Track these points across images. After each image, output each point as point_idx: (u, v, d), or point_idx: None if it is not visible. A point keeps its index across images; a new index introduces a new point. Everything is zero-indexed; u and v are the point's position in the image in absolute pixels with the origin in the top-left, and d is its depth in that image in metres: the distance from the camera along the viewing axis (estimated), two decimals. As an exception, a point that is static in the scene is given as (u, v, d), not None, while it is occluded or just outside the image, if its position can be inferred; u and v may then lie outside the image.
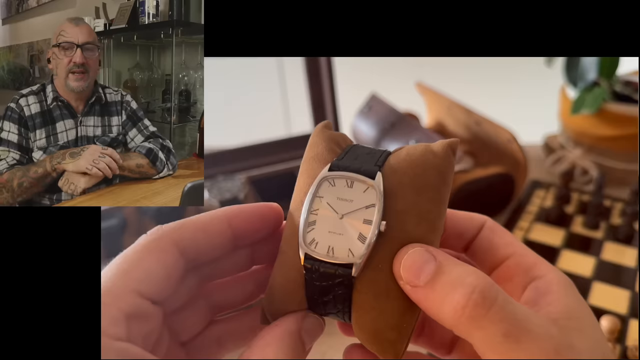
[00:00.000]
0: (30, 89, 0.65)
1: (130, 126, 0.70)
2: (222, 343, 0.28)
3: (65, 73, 0.63)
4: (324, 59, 0.81)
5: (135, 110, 0.71)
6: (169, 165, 0.68)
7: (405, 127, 0.79)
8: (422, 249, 0.23)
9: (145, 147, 0.67)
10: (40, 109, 0.64)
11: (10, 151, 0.62)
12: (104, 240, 0.59)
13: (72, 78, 0.64)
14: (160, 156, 0.67)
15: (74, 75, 0.63)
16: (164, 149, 0.68)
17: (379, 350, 0.24)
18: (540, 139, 0.92)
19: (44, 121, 0.64)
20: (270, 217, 0.27)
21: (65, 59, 0.63)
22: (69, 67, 0.63)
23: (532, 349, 0.20)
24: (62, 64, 0.63)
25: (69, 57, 0.63)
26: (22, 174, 0.58)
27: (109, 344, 0.20)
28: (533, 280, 0.25)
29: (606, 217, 0.71)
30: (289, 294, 0.25)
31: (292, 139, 0.82)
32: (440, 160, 0.26)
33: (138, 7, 0.84)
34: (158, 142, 0.69)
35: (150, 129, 0.70)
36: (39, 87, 0.65)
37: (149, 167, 0.66)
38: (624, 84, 0.81)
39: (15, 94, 0.64)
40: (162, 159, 0.67)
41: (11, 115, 0.63)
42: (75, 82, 0.64)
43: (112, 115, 0.69)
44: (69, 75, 0.63)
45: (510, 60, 1.42)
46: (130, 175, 0.64)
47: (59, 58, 0.64)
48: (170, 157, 0.69)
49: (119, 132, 0.69)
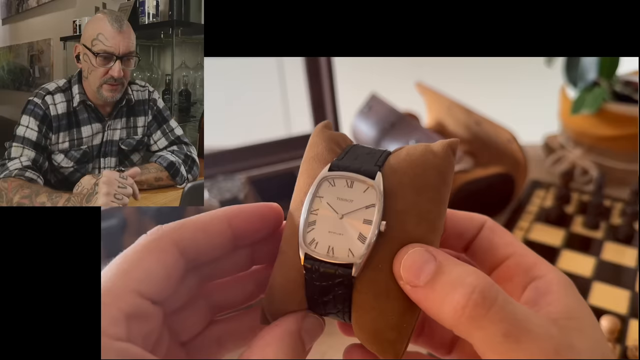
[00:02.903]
0: (57, 86, 0.58)
1: (155, 128, 0.65)
2: (222, 343, 0.28)
3: (99, 83, 0.57)
4: (324, 59, 0.81)
5: (162, 109, 0.66)
6: (190, 177, 0.64)
7: (405, 127, 0.79)
8: (422, 249, 0.23)
9: (166, 160, 0.62)
10: (67, 110, 0.58)
11: (24, 148, 0.56)
12: (104, 240, 0.59)
13: (107, 89, 0.58)
14: (182, 171, 0.63)
15: (108, 86, 0.58)
16: (187, 161, 0.64)
17: (379, 350, 0.24)
18: (540, 139, 0.92)
19: (69, 123, 0.59)
20: (270, 217, 0.27)
21: (100, 69, 0.57)
22: (104, 79, 0.57)
23: (532, 349, 0.20)
24: (97, 73, 0.57)
25: (106, 69, 0.57)
26: (28, 194, 0.52)
27: (109, 344, 0.20)
28: (533, 280, 0.25)
29: (606, 217, 0.71)
30: (289, 294, 0.25)
31: (292, 139, 0.82)
32: (440, 160, 0.26)
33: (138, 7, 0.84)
34: (182, 152, 0.65)
35: (175, 133, 0.66)
36: (65, 83, 0.59)
37: (168, 180, 0.62)
38: (624, 84, 0.81)
39: (39, 88, 0.58)
40: (183, 174, 0.63)
41: (35, 110, 0.57)
42: (109, 93, 0.58)
43: (139, 116, 0.64)
44: (103, 85, 0.58)
45: (510, 60, 1.42)
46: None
47: (94, 66, 0.57)
48: (193, 168, 0.65)
49: (144, 133, 0.65)
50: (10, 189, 0.52)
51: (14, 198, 0.51)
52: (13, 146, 0.56)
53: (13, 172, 0.54)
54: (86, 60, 0.57)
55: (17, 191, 0.52)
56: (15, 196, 0.52)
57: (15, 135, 0.56)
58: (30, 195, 0.51)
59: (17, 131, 0.56)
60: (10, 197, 0.52)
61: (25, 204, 0.51)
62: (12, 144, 0.56)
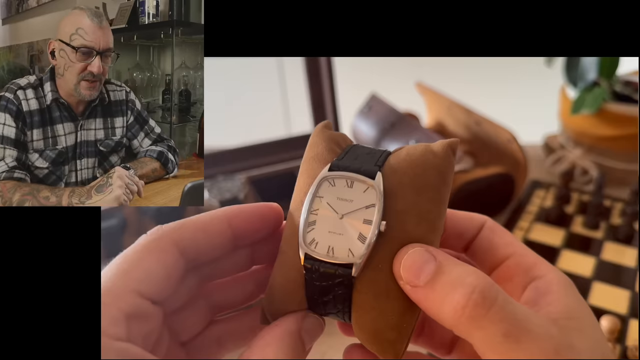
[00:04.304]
0: (28, 81, 0.56)
1: (138, 129, 0.65)
2: (222, 343, 0.28)
3: (77, 80, 0.56)
4: (324, 59, 0.81)
5: (140, 111, 0.66)
6: (176, 162, 0.67)
7: (405, 127, 0.79)
8: (422, 249, 0.23)
9: (155, 151, 0.64)
10: (39, 106, 0.56)
11: (6, 148, 0.54)
12: (104, 240, 0.59)
13: (85, 86, 0.56)
14: (170, 157, 0.65)
15: (87, 83, 0.56)
16: (170, 150, 0.66)
17: (379, 350, 0.24)
18: (540, 139, 0.92)
19: (42, 121, 0.57)
20: (270, 217, 0.27)
21: (78, 65, 0.55)
22: (82, 75, 0.55)
23: (532, 349, 0.20)
24: (75, 68, 0.55)
25: (85, 64, 0.55)
26: (29, 191, 0.51)
27: (109, 344, 0.20)
28: (533, 280, 0.25)
29: (606, 217, 0.71)
30: (289, 294, 0.25)
31: (292, 139, 0.82)
32: (440, 160, 0.26)
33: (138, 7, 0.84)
34: (164, 145, 0.67)
35: (156, 131, 0.67)
36: (35, 80, 0.57)
37: (161, 170, 0.64)
38: (624, 84, 0.81)
39: (10, 83, 0.56)
40: (173, 160, 0.65)
41: (8, 106, 0.54)
42: (88, 91, 0.57)
43: (116, 116, 0.63)
44: (80, 82, 0.56)
45: (510, 60, 1.42)
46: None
47: (71, 61, 0.55)
48: (175, 156, 0.67)
49: (122, 134, 0.64)
50: (5, 190, 0.51)
51: (13, 197, 0.51)
52: None
53: (1, 176, 0.53)
54: (63, 56, 0.55)
55: (15, 190, 0.51)
56: (15, 195, 0.51)
57: None
58: (32, 192, 0.51)
59: None
60: (8, 198, 0.51)
61: (28, 200, 0.50)
62: None
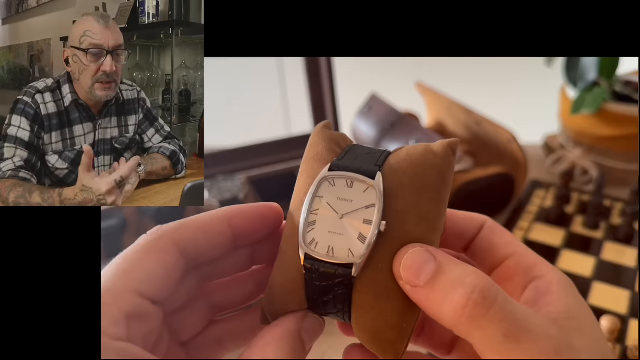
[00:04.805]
0: (45, 85, 0.57)
1: (148, 126, 0.66)
2: (222, 343, 0.28)
3: (92, 82, 0.56)
4: (324, 59, 0.81)
5: (150, 109, 0.67)
6: (185, 164, 0.67)
7: (405, 127, 0.79)
8: (422, 249, 0.23)
9: (168, 149, 0.64)
10: (57, 109, 0.57)
11: (17, 149, 0.55)
12: (104, 240, 0.59)
13: (99, 87, 0.56)
14: (181, 159, 0.65)
15: (101, 85, 0.56)
16: (182, 151, 0.66)
17: (379, 350, 0.24)
18: (540, 139, 0.92)
19: (61, 123, 0.58)
20: (270, 217, 0.27)
21: (92, 67, 0.55)
22: (96, 77, 0.56)
23: (532, 349, 0.20)
24: (89, 71, 0.56)
25: (98, 65, 0.55)
26: (21, 192, 0.51)
27: (109, 344, 0.20)
28: (533, 280, 0.25)
29: (606, 217, 0.71)
30: (289, 294, 0.25)
31: (292, 139, 0.82)
32: (440, 160, 0.26)
33: (138, 7, 0.84)
34: (176, 144, 0.66)
35: (166, 129, 0.68)
36: (53, 83, 0.58)
37: (170, 170, 0.63)
38: (624, 84, 0.81)
39: (27, 87, 0.57)
40: (183, 162, 0.65)
41: (25, 109, 0.55)
42: (103, 92, 0.57)
43: (129, 115, 0.64)
44: (95, 85, 0.56)
45: (510, 60, 1.42)
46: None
47: (84, 64, 0.55)
48: (185, 158, 0.67)
49: (135, 131, 0.65)
50: (4, 189, 0.52)
51: (9, 197, 0.51)
52: (5, 147, 0.55)
53: (7, 174, 0.53)
54: (76, 61, 0.56)
55: (11, 190, 0.52)
56: (10, 195, 0.51)
57: (7, 136, 0.55)
58: (24, 195, 0.51)
59: (8, 131, 0.55)
60: (5, 197, 0.51)
61: (21, 203, 0.51)
62: (4, 145, 0.55)
